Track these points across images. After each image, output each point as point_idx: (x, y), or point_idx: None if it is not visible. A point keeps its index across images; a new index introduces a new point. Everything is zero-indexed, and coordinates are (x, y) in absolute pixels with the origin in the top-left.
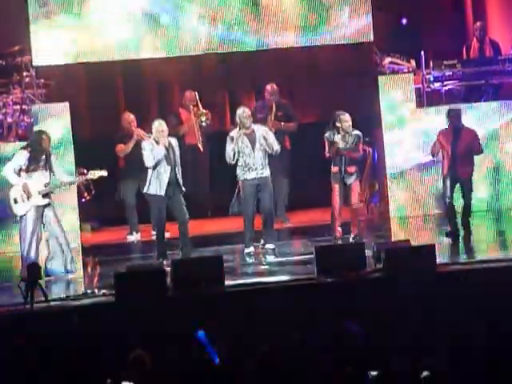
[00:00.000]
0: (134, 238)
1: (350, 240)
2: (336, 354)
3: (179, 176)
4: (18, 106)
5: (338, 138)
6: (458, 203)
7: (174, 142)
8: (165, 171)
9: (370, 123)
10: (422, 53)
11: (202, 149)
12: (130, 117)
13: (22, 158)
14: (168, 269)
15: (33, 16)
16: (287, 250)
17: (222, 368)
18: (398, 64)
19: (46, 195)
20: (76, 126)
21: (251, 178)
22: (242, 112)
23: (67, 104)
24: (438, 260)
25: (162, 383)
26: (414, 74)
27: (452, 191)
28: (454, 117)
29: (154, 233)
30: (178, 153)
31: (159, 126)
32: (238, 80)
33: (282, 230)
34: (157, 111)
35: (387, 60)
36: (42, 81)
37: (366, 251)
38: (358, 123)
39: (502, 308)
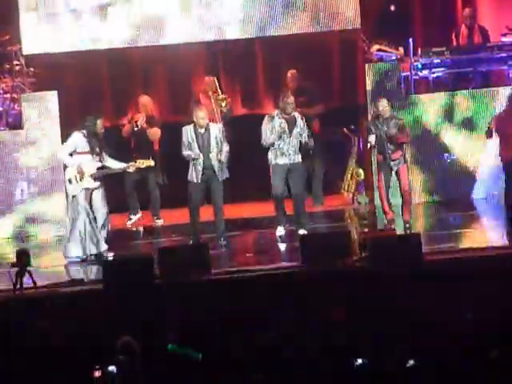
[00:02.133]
0: (134, 220)
1: (405, 226)
2: (323, 341)
3: (215, 162)
4: (8, 95)
5: (375, 125)
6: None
7: (215, 128)
8: (198, 158)
9: (356, 111)
10: (411, 40)
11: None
12: (144, 100)
13: (77, 140)
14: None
15: (22, 5)
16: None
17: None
18: (385, 51)
19: (96, 178)
20: (64, 114)
21: (283, 164)
22: (289, 99)
23: (55, 93)
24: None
25: (150, 370)
26: (402, 62)
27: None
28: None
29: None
30: (213, 139)
31: (201, 114)
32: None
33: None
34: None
35: (375, 47)
36: (32, 69)
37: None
38: (343, 111)
39: (488, 296)
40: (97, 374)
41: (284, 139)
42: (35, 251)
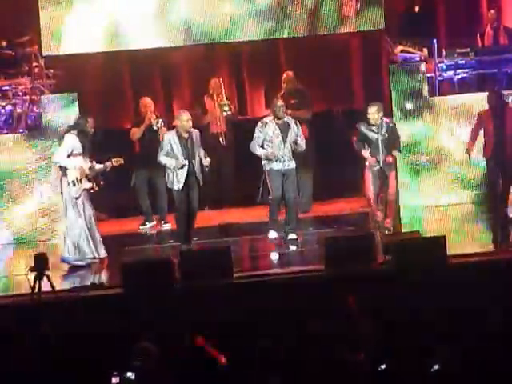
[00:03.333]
0: (148, 227)
1: (386, 232)
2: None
3: (197, 168)
4: (28, 97)
5: (366, 129)
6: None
7: (195, 134)
8: (182, 165)
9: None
10: (435, 41)
11: (222, 141)
12: (145, 101)
13: (71, 142)
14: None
15: (42, 5)
16: (310, 240)
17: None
18: (409, 52)
19: (90, 179)
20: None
21: (277, 169)
22: (281, 103)
23: (75, 94)
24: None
25: (169, 374)
26: (426, 63)
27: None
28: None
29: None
30: (197, 145)
31: (186, 117)
32: (248, 69)
33: (306, 220)
34: (164, 99)
35: (399, 48)
36: (51, 71)
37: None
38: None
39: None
40: (114, 380)
41: (279, 146)
42: None
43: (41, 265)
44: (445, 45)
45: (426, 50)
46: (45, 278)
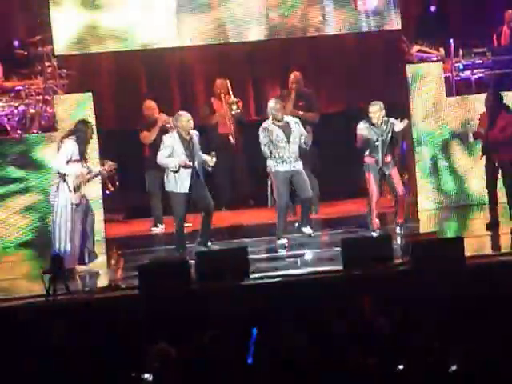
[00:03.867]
0: (159, 230)
1: (397, 230)
2: (363, 344)
3: (199, 169)
4: (41, 97)
5: (368, 128)
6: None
7: (195, 135)
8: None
9: (397, 113)
10: (451, 41)
11: (232, 140)
12: (151, 104)
13: (70, 148)
14: (192, 261)
15: (54, 5)
16: (317, 242)
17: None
18: (426, 52)
19: (87, 183)
20: (99, 116)
21: (284, 171)
22: (275, 104)
23: (90, 94)
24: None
25: (186, 376)
26: (443, 63)
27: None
28: (486, 100)
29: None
30: (198, 146)
31: (186, 117)
32: (263, 68)
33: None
34: (179, 99)
35: (415, 48)
36: (65, 71)
37: (394, 243)
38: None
39: None
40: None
41: (284, 147)
42: None
43: (56, 266)
44: (461, 44)
45: (442, 50)
46: (60, 279)
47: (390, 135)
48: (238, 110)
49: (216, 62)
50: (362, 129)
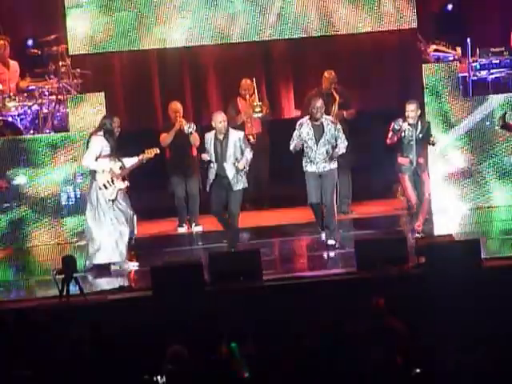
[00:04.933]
0: (184, 230)
1: (418, 235)
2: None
3: (229, 172)
4: (54, 97)
5: (405, 126)
6: None
7: (237, 136)
8: (212, 166)
9: None
10: (468, 40)
11: (252, 140)
12: (176, 106)
13: (99, 144)
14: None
15: (69, 4)
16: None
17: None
18: (442, 52)
19: (123, 179)
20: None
21: (311, 171)
22: (317, 103)
23: (103, 94)
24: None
25: (199, 378)
26: (460, 62)
27: None
28: None
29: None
30: (232, 147)
31: (220, 118)
32: (277, 68)
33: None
34: (192, 99)
35: (432, 48)
36: (78, 70)
37: (409, 245)
38: (400, 113)
39: None
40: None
41: (311, 147)
42: None
43: (69, 267)
44: (478, 44)
45: (459, 50)
46: (73, 280)
47: (422, 135)
48: (261, 114)
49: (230, 62)
50: (399, 127)
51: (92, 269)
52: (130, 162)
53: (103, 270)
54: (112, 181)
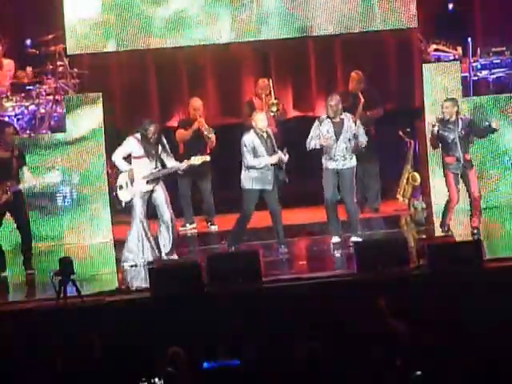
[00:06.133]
0: (188, 229)
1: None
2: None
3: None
4: (51, 97)
5: (443, 128)
6: None
7: (270, 131)
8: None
9: (412, 113)
10: (469, 39)
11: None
12: (196, 103)
13: (131, 145)
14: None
15: (67, 3)
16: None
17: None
18: (443, 51)
19: (149, 181)
20: (109, 116)
21: (331, 168)
22: (330, 100)
23: (100, 94)
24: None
25: (198, 380)
26: (461, 62)
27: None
28: None
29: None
30: (274, 143)
31: (262, 116)
32: (276, 68)
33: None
34: (189, 100)
35: (432, 47)
36: (76, 70)
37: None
38: (399, 113)
39: None
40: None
41: (332, 144)
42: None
43: (66, 269)
44: (479, 44)
45: (460, 49)
46: (70, 282)
47: (464, 132)
48: (277, 113)
49: (228, 62)
50: (434, 126)
51: None
52: (172, 164)
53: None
54: (131, 182)
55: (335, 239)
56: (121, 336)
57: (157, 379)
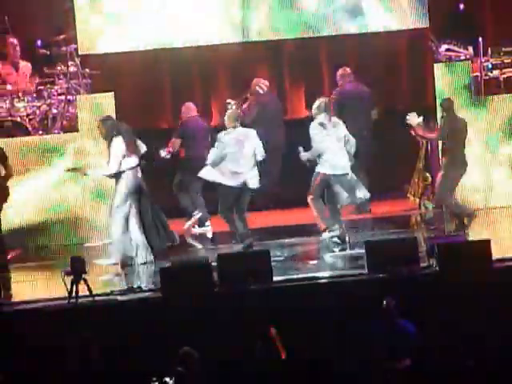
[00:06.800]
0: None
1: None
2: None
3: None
4: (63, 97)
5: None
6: None
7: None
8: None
9: (424, 113)
10: (480, 39)
11: None
12: (187, 106)
13: (120, 147)
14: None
15: (78, 4)
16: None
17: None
18: (454, 51)
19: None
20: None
21: (336, 174)
22: (319, 103)
23: (112, 94)
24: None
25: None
26: (472, 62)
27: None
28: None
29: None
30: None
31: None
32: (288, 68)
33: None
34: (202, 99)
35: (443, 47)
36: (88, 70)
37: (420, 246)
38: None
39: None
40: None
41: (336, 153)
42: None
43: (78, 268)
44: (490, 43)
45: (471, 49)
46: (82, 281)
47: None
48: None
49: (242, 62)
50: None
51: None
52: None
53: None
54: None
55: (325, 235)
56: (132, 335)
57: (168, 379)
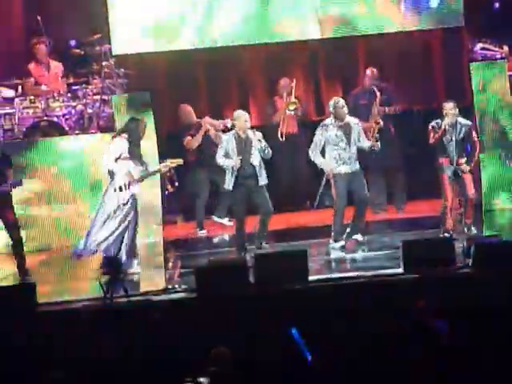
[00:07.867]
0: (203, 233)
1: (465, 231)
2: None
3: (258, 171)
4: (98, 97)
5: (444, 123)
6: None
7: (257, 135)
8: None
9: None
10: None
11: (281, 138)
12: (187, 109)
13: (120, 146)
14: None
15: (111, 3)
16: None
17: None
18: (490, 50)
19: (138, 183)
20: (158, 117)
21: (345, 172)
22: (337, 102)
23: (148, 93)
24: None
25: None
26: (507, 61)
27: None
28: None
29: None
30: (255, 144)
31: (244, 117)
32: (323, 67)
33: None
34: (238, 100)
35: (479, 46)
36: (122, 70)
37: (456, 246)
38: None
39: None
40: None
41: (345, 148)
42: None
43: (114, 268)
44: None
45: (506, 48)
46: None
47: (461, 135)
48: (295, 111)
49: (276, 62)
50: (439, 125)
51: None
52: (152, 167)
53: None
54: (128, 185)
55: (339, 244)
56: (166, 335)
57: (202, 379)
